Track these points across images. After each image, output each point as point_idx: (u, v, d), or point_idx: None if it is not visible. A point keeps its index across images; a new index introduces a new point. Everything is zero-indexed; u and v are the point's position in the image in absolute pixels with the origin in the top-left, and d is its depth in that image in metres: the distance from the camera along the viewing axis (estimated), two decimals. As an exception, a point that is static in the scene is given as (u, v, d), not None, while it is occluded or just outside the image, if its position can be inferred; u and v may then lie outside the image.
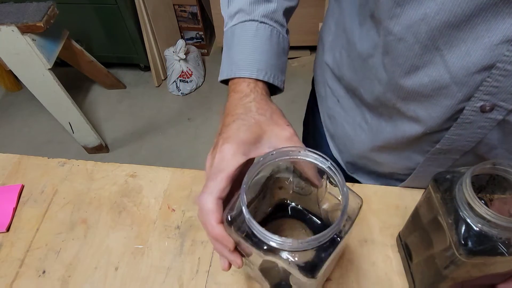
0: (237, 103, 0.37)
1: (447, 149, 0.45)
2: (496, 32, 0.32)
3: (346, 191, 0.31)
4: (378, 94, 0.45)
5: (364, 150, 0.54)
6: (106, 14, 1.76)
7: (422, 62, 0.37)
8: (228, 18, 0.44)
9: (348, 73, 0.50)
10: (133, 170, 0.57)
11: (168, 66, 1.94)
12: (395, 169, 0.53)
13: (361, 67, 0.46)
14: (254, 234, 0.30)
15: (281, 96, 0.46)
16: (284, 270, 0.33)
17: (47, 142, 1.83)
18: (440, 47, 0.35)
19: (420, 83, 0.39)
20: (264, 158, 0.33)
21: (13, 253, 0.49)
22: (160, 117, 1.91)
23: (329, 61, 0.55)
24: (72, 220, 0.52)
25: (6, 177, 0.58)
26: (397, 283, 0.44)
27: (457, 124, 0.40)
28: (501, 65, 0.33)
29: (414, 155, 0.48)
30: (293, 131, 0.37)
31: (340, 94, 0.55)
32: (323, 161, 0.32)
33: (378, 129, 0.49)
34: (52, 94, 1.46)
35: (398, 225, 0.47)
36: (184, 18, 2.04)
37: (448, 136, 0.42)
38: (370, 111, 0.49)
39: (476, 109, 0.38)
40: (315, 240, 0.28)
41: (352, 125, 0.54)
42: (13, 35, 1.26)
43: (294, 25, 1.91)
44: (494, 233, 0.30)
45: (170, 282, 0.46)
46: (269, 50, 0.42)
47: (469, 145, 0.43)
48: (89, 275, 0.47)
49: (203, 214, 0.33)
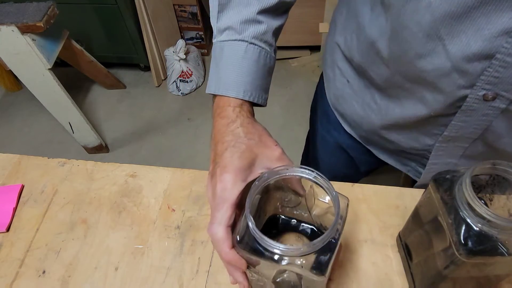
0: (225, 130, 0.39)
1: (455, 136, 0.46)
2: (496, 25, 0.33)
3: (335, 194, 0.33)
4: (386, 77, 0.46)
5: (374, 128, 0.55)
6: (106, 14, 1.76)
7: (426, 50, 0.39)
8: (217, 32, 0.44)
9: (358, 56, 0.51)
10: (133, 170, 0.57)
11: (168, 66, 1.94)
12: (405, 149, 0.55)
13: (370, 51, 0.47)
14: (266, 250, 0.32)
15: (281, 96, 0.47)
16: (296, 276, 0.36)
17: (47, 142, 1.83)
18: (442, 37, 0.37)
19: (424, 70, 0.40)
20: (259, 180, 0.35)
21: (13, 253, 0.49)
22: (160, 117, 1.91)
23: (341, 43, 0.56)
24: (72, 220, 0.52)
25: (6, 177, 0.58)
26: (397, 283, 0.44)
27: (462, 111, 0.42)
28: (500, 56, 0.35)
29: (422, 137, 0.50)
30: (281, 150, 0.39)
31: (350, 75, 0.56)
32: (309, 173, 0.35)
33: (387, 110, 0.50)
34: (52, 94, 1.46)
35: (398, 225, 0.47)
36: (184, 18, 2.04)
37: (455, 123, 0.44)
38: (379, 92, 0.51)
39: (479, 97, 0.39)
40: (321, 241, 0.31)
41: (362, 105, 0.55)
42: (13, 35, 1.26)
43: (294, 25, 1.93)
44: (494, 233, 0.30)
45: (170, 282, 0.46)
46: (256, 72, 0.43)
47: (476, 132, 0.44)
48: (89, 275, 0.47)
49: (216, 243, 0.36)
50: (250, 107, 0.43)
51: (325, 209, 0.39)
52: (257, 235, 0.32)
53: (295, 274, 0.36)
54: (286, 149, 0.41)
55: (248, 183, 0.37)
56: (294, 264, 0.33)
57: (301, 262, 0.32)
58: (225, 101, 0.41)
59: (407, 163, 0.59)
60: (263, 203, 0.41)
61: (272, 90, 0.50)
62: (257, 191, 0.35)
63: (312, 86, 1.97)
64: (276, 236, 0.42)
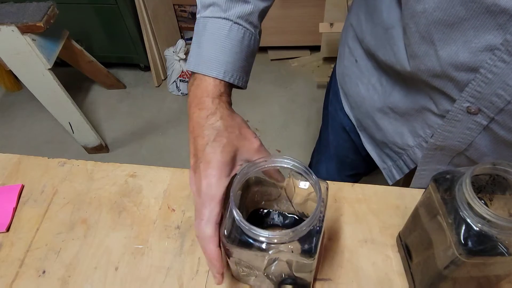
0: (204, 123, 0.38)
1: (441, 146, 0.47)
2: (482, 40, 0.35)
3: (315, 179, 0.35)
4: (391, 63, 0.47)
5: (372, 111, 0.57)
6: (106, 14, 1.76)
7: (420, 51, 0.40)
8: (201, 6, 0.43)
9: (369, 37, 0.51)
10: (133, 170, 0.57)
11: (168, 66, 1.94)
12: (388, 142, 0.57)
13: (382, 35, 0.48)
14: (255, 240, 0.33)
15: (281, 96, 0.47)
16: (286, 265, 0.36)
17: (47, 142, 1.83)
18: (434, 42, 0.38)
19: (418, 68, 0.42)
20: (239, 173, 0.36)
21: (13, 253, 0.49)
22: (160, 117, 1.91)
23: (354, 22, 0.56)
24: (72, 220, 0.52)
25: (6, 177, 0.58)
26: (397, 283, 0.44)
27: (447, 120, 0.43)
28: (483, 71, 0.36)
29: (407, 135, 0.52)
30: (260, 142, 0.40)
31: (359, 54, 0.56)
32: (287, 162, 0.36)
33: (391, 93, 0.51)
34: (52, 94, 1.46)
35: (398, 225, 0.47)
36: (184, 18, 2.04)
37: (440, 131, 0.45)
38: (386, 75, 0.52)
39: (463, 108, 0.41)
40: (307, 224, 0.32)
41: (367, 85, 0.56)
42: (13, 35, 1.26)
43: (294, 25, 1.93)
44: (494, 233, 0.30)
45: (170, 282, 0.46)
46: (239, 53, 0.42)
47: (460, 146, 0.46)
48: (89, 275, 0.47)
49: (203, 241, 0.35)
50: (229, 97, 0.42)
51: (305, 196, 0.40)
52: (244, 226, 0.32)
53: (285, 263, 0.36)
54: (286, 149, 0.42)
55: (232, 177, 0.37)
56: (284, 251, 0.33)
57: (291, 248, 0.33)
58: (204, 90, 0.40)
59: (385, 160, 0.61)
60: (244, 199, 0.41)
61: (272, 90, 0.50)
62: (239, 185, 0.36)
63: (312, 86, 1.98)
64: None
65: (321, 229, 0.34)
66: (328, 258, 0.46)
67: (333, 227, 0.49)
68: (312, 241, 0.33)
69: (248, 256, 0.36)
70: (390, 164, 0.60)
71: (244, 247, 0.34)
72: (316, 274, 0.45)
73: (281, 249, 0.33)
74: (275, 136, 1.76)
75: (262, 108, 1.87)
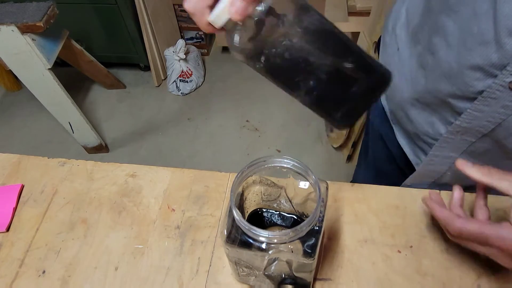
0: None
1: (466, 128, 0.45)
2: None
3: (315, 179, 0.35)
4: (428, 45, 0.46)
5: (403, 101, 0.55)
6: (106, 14, 1.76)
7: (481, 9, 0.37)
8: None
9: (417, 20, 0.50)
10: (133, 170, 0.57)
11: (168, 66, 1.94)
12: (420, 133, 0.55)
13: (428, 18, 0.46)
14: (255, 240, 0.33)
15: (281, 96, 0.47)
16: (286, 264, 0.37)
17: (47, 142, 1.83)
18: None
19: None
20: (239, 174, 0.36)
21: (13, 253, 0.49)
22: (160, 117, 1.91)
23: (407, 4, 0.54)
24: (72, 220, 0.52)
25: (6, 177, 0.58)
26: (397, 283, 0.44)
27: (482, 98, 0.41)
28: None
29: (438, 124, 0.50)
30: None
31: (402, 41, 0.55)
32: (287, 162, 0.36)
33: (420, 81, 0.50)
34: (52, 94, 1.46)
35: (398, 225, 0.47)
36: (184, 18, 2.04)
37: (470, 111, 0.43)
38: (417, 61, 0.50)
39: (505, 84, 0.38)
40: (307, 224, 0.32)
41: (404, 74, 0.54)
42: (13, 35, 1.26)
43: (294, 25, 1.93)
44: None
45: (170, 282, 0.46)
46: None
47: (488, 126, 0.43)
48: (89, 275, 0.47)
49: (195, 16, 0.33)
50: None
51: (305, 196, 0.40)
52: (244, 226, 0.32)
53: (285, 263, 0.37)
54: (286, 149, 0.42)
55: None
56: (283, 251, 0.33)
57: (290, 248, 0.33)
58: None
59: (419, 154, 0.59)
60: (243, 200, 0.42)
61: (272, 90, 0.50)
62: (240, 185, 0.36)
63: (312, 86, 1.97)
64: None
65: (321, 229, 0.34)
66: (328, 258, 0.46)
67: (333, 227, 0.49)
68: (312, 241, 0.33)
69: (248, 256, 0.36)
70: (424, 158, 0.58)
71: (244, 247, 0.34)
72: (316, 274, 0.45)
73: (281, 249, 0.33)
74: (275, 136, 1.76)
75: (262, 108, 1.87)
